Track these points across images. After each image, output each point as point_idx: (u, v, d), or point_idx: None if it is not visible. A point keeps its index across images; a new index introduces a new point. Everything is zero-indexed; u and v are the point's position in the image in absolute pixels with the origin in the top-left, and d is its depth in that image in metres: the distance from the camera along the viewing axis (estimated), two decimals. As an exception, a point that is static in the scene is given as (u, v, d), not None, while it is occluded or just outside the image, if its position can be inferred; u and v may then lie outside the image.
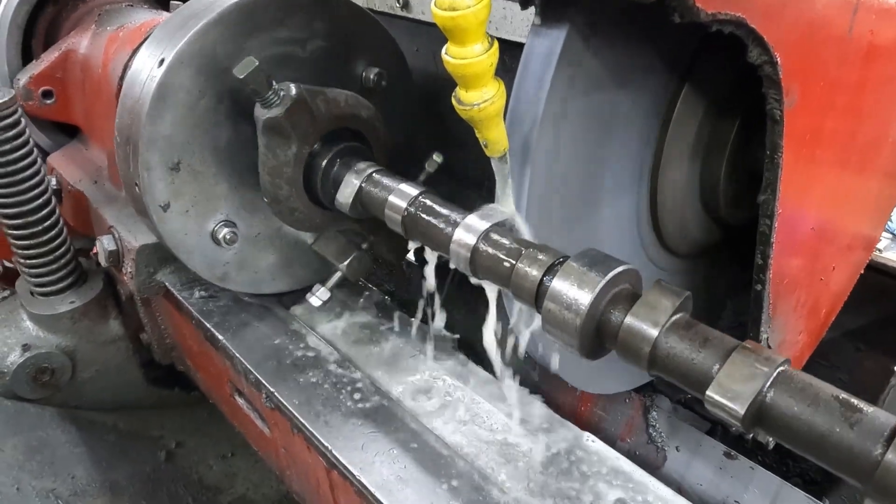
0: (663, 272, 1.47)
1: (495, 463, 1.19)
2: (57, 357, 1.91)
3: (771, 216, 1.16)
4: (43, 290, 1.94)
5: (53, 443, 1.86)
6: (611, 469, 1.20)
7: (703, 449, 1.69)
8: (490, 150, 1.03)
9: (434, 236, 1.16)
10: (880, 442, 0.70)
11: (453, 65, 0.92)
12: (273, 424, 1.45)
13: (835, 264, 1.46)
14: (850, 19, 1.09)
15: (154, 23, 1.84)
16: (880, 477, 0.69)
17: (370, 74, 1.53)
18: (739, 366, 0.78)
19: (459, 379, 1.39)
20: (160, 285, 1.72)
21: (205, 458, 2.05)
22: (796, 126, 1.08)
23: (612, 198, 1.28)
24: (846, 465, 0.73)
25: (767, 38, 0.91)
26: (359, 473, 1.16)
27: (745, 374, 0.76)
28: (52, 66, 2.05)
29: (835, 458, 0.73)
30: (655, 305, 0.89)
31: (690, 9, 0.78)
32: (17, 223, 1.82)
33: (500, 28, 1.38)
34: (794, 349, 1.47)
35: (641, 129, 1.26)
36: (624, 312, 0.91)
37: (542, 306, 0.97)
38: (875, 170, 1.41)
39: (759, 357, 0.79)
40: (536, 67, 1.03)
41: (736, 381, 0.77)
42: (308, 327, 1.56)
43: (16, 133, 1.74)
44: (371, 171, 1.33)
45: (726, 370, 0.78)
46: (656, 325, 0.87)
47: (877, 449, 0.70)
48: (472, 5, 0.84)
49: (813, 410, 0.73)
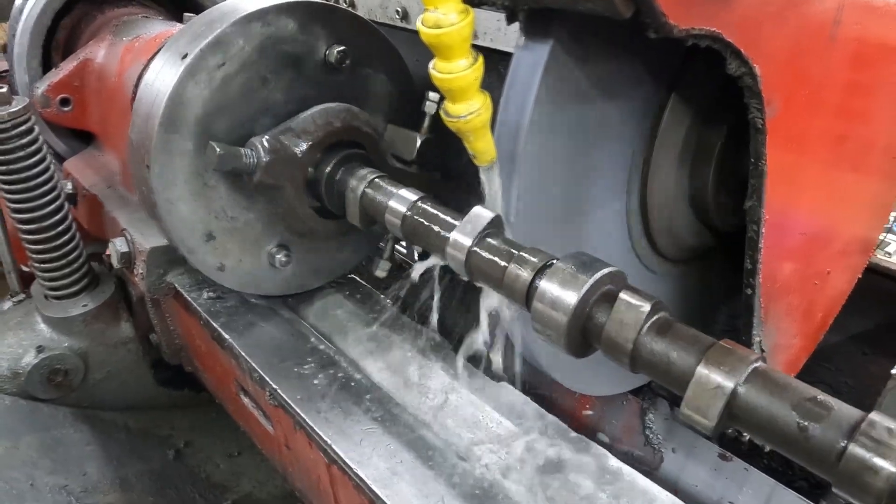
0: (656, 277, 1.50)
1: (492, 459, 1.22)
2: (70, 358, 1.97)
3: (758, 222, 1.18)
4: (57, 293, 2.00)
5: (66, 441, 1.91)
6: (601, 469, 1.23)
7: (698, 450, 1.71)
8: (478, 160, 1.07)
9: (431, 240, 1.20)
10: (844, 435, 0.73)
11: (440, 79, 0.96)
12: (276, 422, 1.50)
13: (829, 268, 1.48)
14: (831, 27, 1.12)
15: (168, 34, 1.90)
16: (844, 468, 0.73)
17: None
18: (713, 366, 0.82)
19: (461, 381, 1.42)
20: (170, 286, 1.77)
21: (212, 456, 2.10)
22: (780, 134, 1.11)
23: (601, 205, 1.31)
24: (813, 457, 0.76)
25: (745, 51, 0.94)
26: (356, 467, 1.20)
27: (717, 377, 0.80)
28: (70, 75, 2.11)
29: (802, 451, 0.76)
30: (638, 306, 0.92)
31: (664, 25, 0.81)
32: (31, 228, 1.88)
33: (496, 39, 1.42)
34: (788, 353, 1.49)
35: (629, 138, 1.29)
36: (609, 312, 0.94)
37: (531, 306, 1.01)
38: (868, 173, 1.42)
39: (734, 355, 0.83)
40: (523, 79, 1.07)
41: (705, 392, 0.81)
42: (312, 328, 1.60)
43: (30, 140, 1.80)
44: (373, 178, 1.37)
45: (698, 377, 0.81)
46: (638, 324, 0.90)
47: (840, 441, 0.73)
48: (455, 23, 0.88)
49: (781, 405, 0.77)
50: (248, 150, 1.36)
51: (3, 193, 1.86)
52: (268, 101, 1.46)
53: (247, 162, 1.35)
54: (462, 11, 0.90)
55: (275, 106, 1.47)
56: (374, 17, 1.73)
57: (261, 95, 1.45)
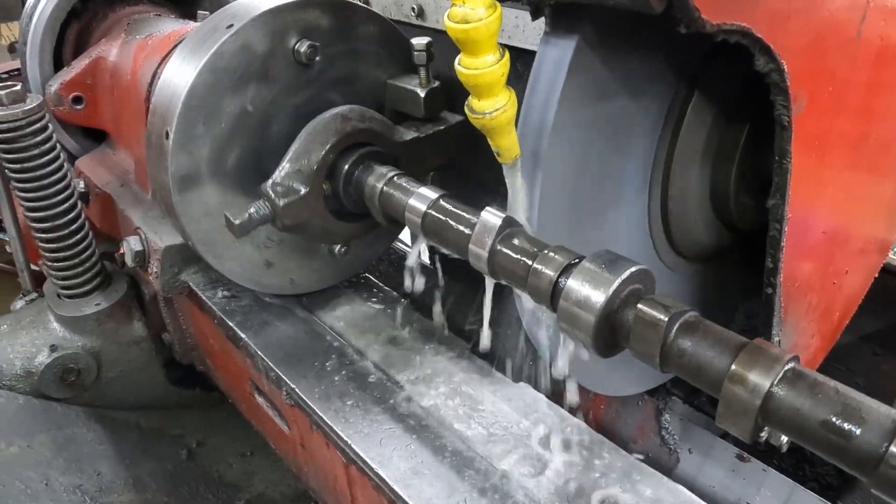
0: (676, 275, 1.50)
1: (513, 460, 1.21)
2: (83, 358, 1.96)
3: (780, 221, 1.17)
4: (69, 292, 1.99)
5: (79, 440, 1.90)
6: (629, 467, 1.22)
7: (715, 451, 1.70)
8: (502, 157, 1.06)
9: (452, 238, 1.19)
10: (884, 436, 0.72)
11: (466, 75, 0.95)
12: (292, 421, 1.49)
13: (848, 268, 1.47)
14: (858, 24, 1.11)
15: (182, 32, 1.90)
16: (884, 471, 0.72)
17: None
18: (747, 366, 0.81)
19: (479, 381, 1.41)
20: (184, 285, 1.76)
21: (225, 456, 2.09)
22: (805, 131, 1.10)
23: (623, 203, 1.31)
24: (851, 459, 0.75)
25: (774, 47, 0.93)
26: (377, 467, 1.19)
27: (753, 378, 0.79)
28: (83, 73, 2.11)
29: (840, 452, 0.75)
30: (668, 304, 0.91)
31: (696, 20, 0.80)
32: (43, 227, 1.87)
33: (513, 37, 1.41)
34: (806, 352, 1.48)
35: (652, 135, 1.29)
36: (637, 311, 0.93)
37: (557, 306, 1.00)
38: (889, 172, 1.41)
39: (768, 355, 0.82)
40: (547, 76, 1.06)
41: (739, 395, 0.80)
42: (328, 327, 1.59)
43: (44, 138, 1.79)
44: (392, 175, 1.36)
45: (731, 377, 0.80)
46: (667, 323, 0.89)
47: (881, 444, 0.72)
48: (483, 18, 0.88)
49: (818, 406, 0.76)
50: (259, 204, 1.34)
51: (17, 192, 1.85)
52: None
53: (264, 214, 1.34)
54: (490, 6, 0.89)
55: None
56: (389, 14, 1.72)
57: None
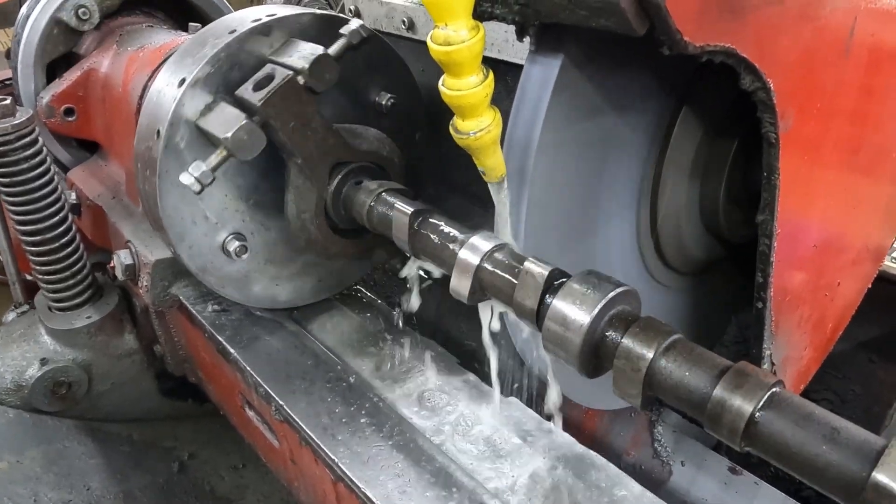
0: (667, 290, 1.49)
1: (501, 479, 1.21)
2: (74, 371, 1.95)
3: (770, 236, 1.17)
4: (60, 305, 1.98)
5: (70, 454, 1.90)
6: (616, 483, 1.21)
7: (708, 464, 1.70)
8: (488, 176, 1.06)
9: (439, 255, 1.19)
10: (867, 462, 0.72)
11: (450, 96, 0.95)
12: (282, 437, 1.48)
13: (840, 279, 1.47)
14: (846, 40, 1.11)
15: (173, 44, 1.89)
16: (868, 497, 0.71)
17: (383, 100, 1.55)
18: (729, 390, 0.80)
19: (468, 398, 1.40)
20: (174, 298, 1.76)
21: (216, 469, 2.08)
22: (793, 147, 1.09)
23: (611, 219, 1.30)
24: (836, 485, 0.74)
25: (759, 66, 0.93)
26: (364, 486, 1.18)
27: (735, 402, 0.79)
28: (74, 85, 2.10)
29: (824, 478, 0.75)
30: (653, 327, 0.91)
31: (678, 42, 0.80)
32: (34, 240, 1.86)
33: (503, 51, 1.40)
34: (798, 364, 1.48)
35: (640, 151, 1.28)
36: (622, 333, 0.93)
37: (542, 325, 1.00)
38: (881, 181, 1.41)
39: (752, 379, 0.81)
40: (533, 94, 1.06)
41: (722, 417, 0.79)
42: (318, 342, 1.59)
43: (34, 152, 1.78)
44: (380, 191, 1.36)
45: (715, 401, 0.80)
46: (653, 346, 0.89)
47: (864, 469, 0.72)
48: (466, 40, 0.87)
49: (802, 432, 0.75)
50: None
51: (7, 205, 1.84)
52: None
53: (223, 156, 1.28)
54: (472, 28, 0.88)
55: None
56: (380, 27, 1.72)
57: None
